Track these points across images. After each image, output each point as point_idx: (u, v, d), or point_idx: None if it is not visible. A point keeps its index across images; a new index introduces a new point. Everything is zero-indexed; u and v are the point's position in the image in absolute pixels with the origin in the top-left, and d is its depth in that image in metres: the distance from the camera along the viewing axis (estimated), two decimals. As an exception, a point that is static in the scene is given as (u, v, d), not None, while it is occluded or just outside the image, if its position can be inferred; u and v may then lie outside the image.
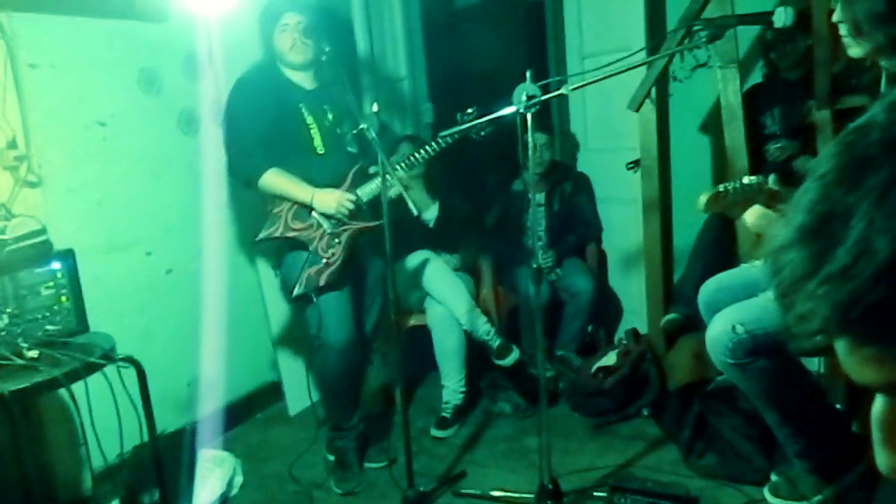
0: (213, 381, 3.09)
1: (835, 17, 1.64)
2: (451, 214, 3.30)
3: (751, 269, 1.96)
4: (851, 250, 0.37)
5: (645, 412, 2.90)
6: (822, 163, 0.42)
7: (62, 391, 1.88)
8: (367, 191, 2.53)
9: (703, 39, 1.81)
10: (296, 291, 2.47)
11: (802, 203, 0.41)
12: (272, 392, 3.34)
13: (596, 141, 3.65)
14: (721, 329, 1.71)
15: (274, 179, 2.47)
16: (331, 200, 2.47)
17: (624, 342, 3.07)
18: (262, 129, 2.46)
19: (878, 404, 0.43)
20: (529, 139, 2.07)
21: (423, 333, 3.07)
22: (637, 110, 2.83)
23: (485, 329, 2.94)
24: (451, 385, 3.01)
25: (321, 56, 2.47)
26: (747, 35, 3.25)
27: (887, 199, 0.37)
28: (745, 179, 1.50)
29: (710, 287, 2.02)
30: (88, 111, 2.59)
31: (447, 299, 2.95)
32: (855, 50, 1.61)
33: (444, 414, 2.99)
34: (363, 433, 2.76)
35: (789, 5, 2.48)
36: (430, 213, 3.22)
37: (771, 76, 3.12)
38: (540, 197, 3.46)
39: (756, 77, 3.24)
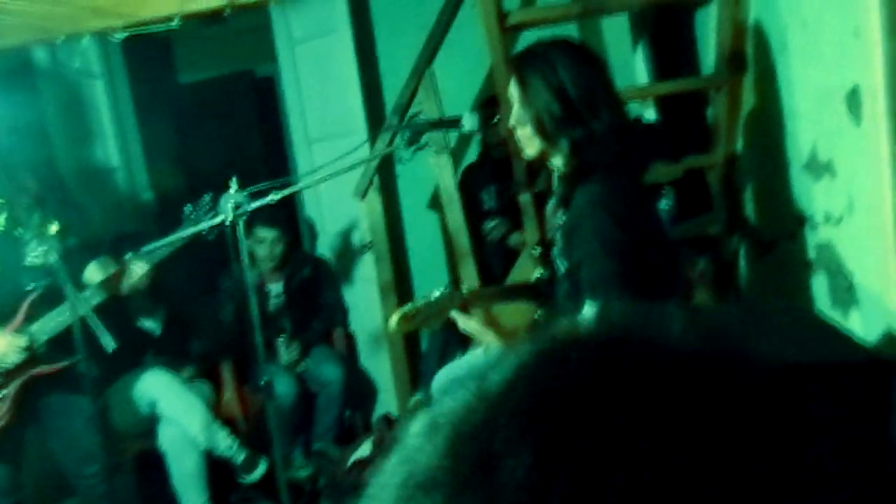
0: None
1: (512, 121, 1.74)
2: (179, 319, 3.03)
3: (478, 358, 2.02)
4: None
5: (405, 499, 2.85)
6: (377, 489, 0.35)
7: None
8: (48, 327, 2.10)
9: (404, 143, 1.86)
10: None
11: None
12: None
13: (333, 224, 3.62)
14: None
15: None
16: None
17: (377, 430, 3.02)
18: None
19: None
20: (242, 247, 1.95)
21: (156, 458, 2.73)
22: (363, 198, 2.85)
23: (226, 444, 2.70)
24: (195, 512, 2.70)
25: None
26: (465, 107, 3.47)
27: None
28: (434, 294, 1.53)
29: (442, 378, 2.05)
30: None
31: (179, 417, 2.66)
32: (530, 151, 1.73)
33: (188, 548, 2.66)
34: None
35: (482, 104, 2.70)
36: (154, 321, 2.93)
37: (484, 154, 3.36)
38: (278, 287, 3.32)
39: (474, 154, 3.47)
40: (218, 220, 1.91)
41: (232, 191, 1.93)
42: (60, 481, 2.48)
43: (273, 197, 1.88)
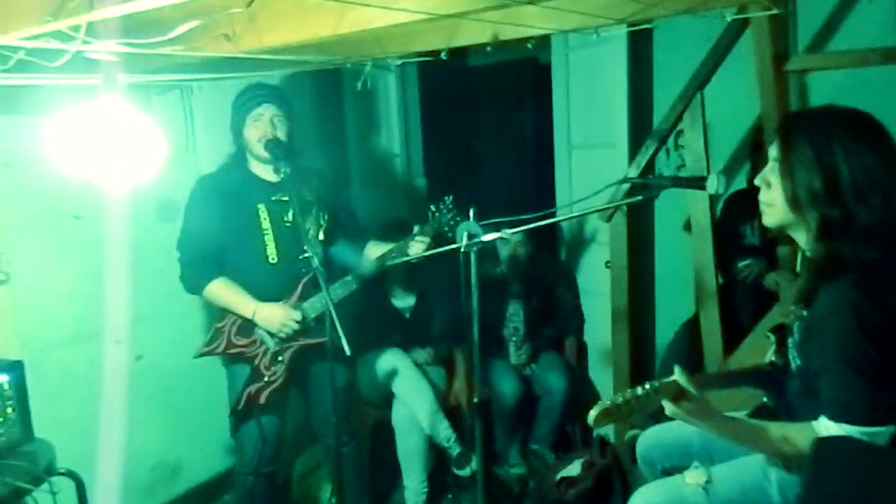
0: (179, 464, 3.11)
1: (758, 180, 1.60)
2: (427, 305, 3.28)
3: (684, 425, 1.89)
4: None
5: (607, 527, 2.82)
6: None
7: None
8: (315, 305, 2.43)
9: (640, 198, 1.78)
10: (234, 408, 2.44)
11: None
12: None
13: (583, 231, 3.60)
14: (637, 510, 1.67)
15: (218, 291, 2.41)
16: (274, 319, 2.38)
17: (591, 452, 3.00)
18: (212, 235, 2.39)
19: None
20: (473, 274, 2.05)
21: (389, 430, 3.05)
22: (608, 221, 2.79)
23: (445, 435, 2.91)
24: (413, 485, 2.97)
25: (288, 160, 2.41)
26: (737, 132, 3.19)
27: None
28: (639, 390, 1.45)
29: (645, 441, 1.96)
30: (63, 205, 2.65)
31: (411, 402, 2.93)
32: (769, 220, 1.57)
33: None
34: None
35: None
36: (406, 303, 3.23)
37: (753, 182, 3.04)
38: (518, 289, 3.42)
39: (742, 181, 3.16)
40: (452, 246, 2.03)
41: (470, 219, 2.03)
42: (310, 433, 2.89)
43: (504, 234, 1.94)
